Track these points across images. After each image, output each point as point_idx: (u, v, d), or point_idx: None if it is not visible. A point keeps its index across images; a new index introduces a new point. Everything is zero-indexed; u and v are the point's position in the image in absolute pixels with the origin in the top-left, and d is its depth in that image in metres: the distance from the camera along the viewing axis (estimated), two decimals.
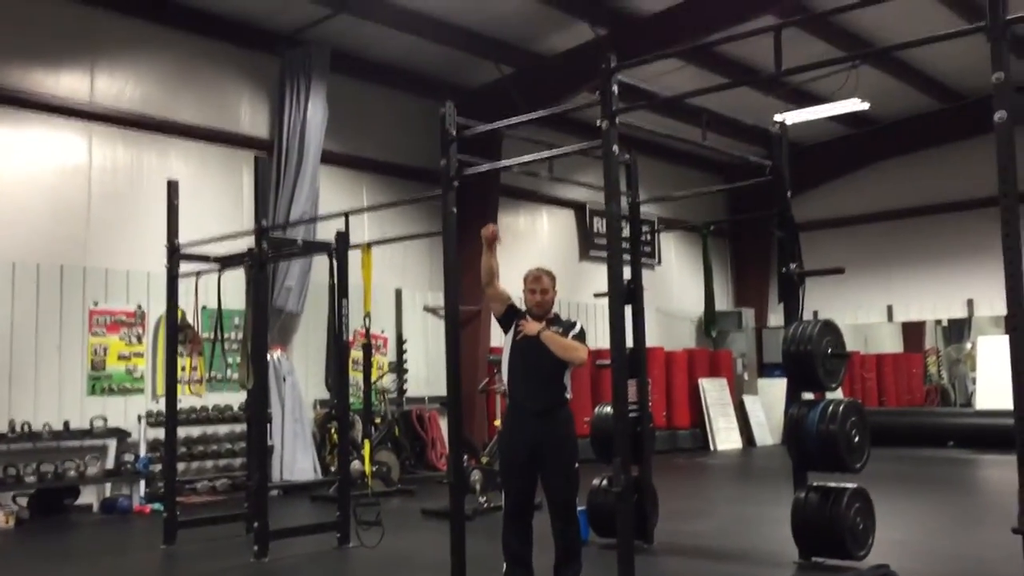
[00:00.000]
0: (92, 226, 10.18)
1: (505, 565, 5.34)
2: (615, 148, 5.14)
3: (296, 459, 11.09)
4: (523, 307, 5.51)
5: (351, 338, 8.41)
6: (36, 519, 9.02)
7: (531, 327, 5.27)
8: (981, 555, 6.45)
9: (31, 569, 6.97)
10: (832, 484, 6.12)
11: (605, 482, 6.86)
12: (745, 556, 6.69)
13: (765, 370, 17.88)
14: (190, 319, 8.46)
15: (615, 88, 5.18)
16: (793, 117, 13.64)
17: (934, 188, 17.32)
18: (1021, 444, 3.67)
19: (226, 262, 7.99)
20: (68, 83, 10.13)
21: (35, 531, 8.64)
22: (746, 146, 14.96)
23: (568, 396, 5.38)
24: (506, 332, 5.48)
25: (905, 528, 7.50)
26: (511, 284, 5.69)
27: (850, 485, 6.08)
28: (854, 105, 13.96)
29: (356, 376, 9.37)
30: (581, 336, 5.38)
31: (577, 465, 5.36)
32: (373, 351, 10.92)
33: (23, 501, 9.12)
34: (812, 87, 14.19)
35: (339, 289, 7.50)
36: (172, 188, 7.99)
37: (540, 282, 5.46)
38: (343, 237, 7.56)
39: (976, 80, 14.37)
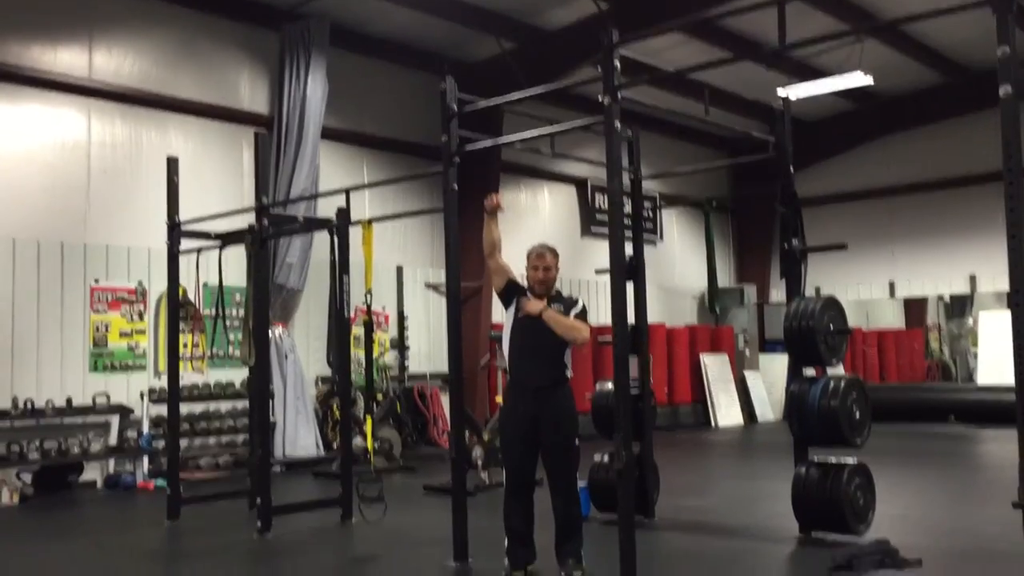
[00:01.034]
0: (92, 203, 10.16)
1: (506, 540, 5.37)
2: (617, 124, 5.11)
3: (298, 435, 11.14)
4: (524, 283, 5.50)
5: (352, 315, 8.41)
6: (40, 495, 9.06)
7: (533, 306, 5.26)
8: (981, 529, 6.47)
9: (36, 545, 7.01)
10: (833, 459, 6.14)
11: (606, 458, 6.88)
12: (746, 531, 6.72)
13: (767, 346, 17.90)
14: (191, 296, 8.46)
15: (617, 63, 5.14)
16: (796, 92, 13.55)
17: (937, 163, 17.25)
18: (1022, 419, 3.67)
19: (227, 239, 7.97)
20: (66, 58, 10.07)
21: (40, 507, 8.68)
22: (749, 121, 14.88)
23: (569, 374, 5.40)
24: (506, 307, 5.48)
25: (905, 503, 7.53)
26: (513, 260, 5.68)
27: (851, 460, 6.09)
28: (858, 80, 13.85)
29: (358, 353, 9.38)
30: (583, 314, 5.39)
31: (577, 442, 5.38)
32: (375, 328, 10.93)
33: (27, 478, 9.16)
34: (816, 61, 14.10)
35: (340, 266, 7.49)
36: (172, 164, 7.96)
37: (543, 259, 5.44)
38: (344, 213, 7.54)
39: (981, 54, 14.28)
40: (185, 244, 7.95)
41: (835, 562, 5.30)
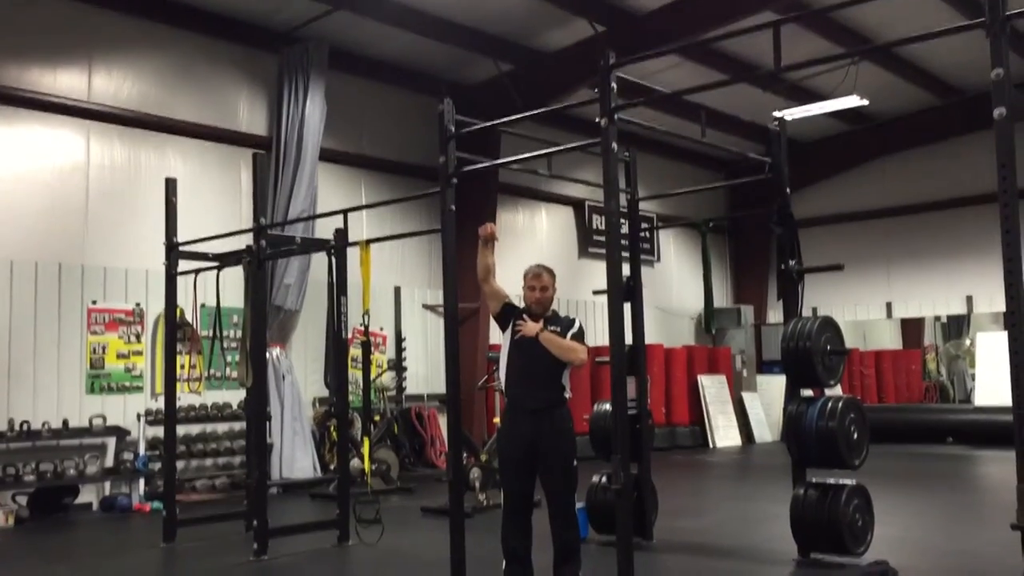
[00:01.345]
0: (90, 224, 10.17)
1: (504, 563, 5.34)
2: (614, 145, 5.13)
3: (295, 457, 11.10)
4: (521, 304, 5.51)
5: (350, 336, 8.41)
6: (36, 518, 9.02)
7: (529, 328, 5.27)
8: (980, 551, 6.45)
9: (31, 568, 6.97)
10: (831, 481, 6.12)
11: (604, 479, 6.86)
12: (744, 553, 6.69)
13: (764, 367, 17.88)
14: (189, 317, 8.46)
15: (614, 85, 5.17)
16: (792, 114, 13.63)
17: (933, 184, 17.33)
18: (1020, 440, 3.67)
19: (225, 260, 7.98)
20: (66, 81, 10.11)
21: (35, 530, 8.63)
22: (745, 143, 14.96)
23: (567, 395, 5.39)
24: (503, 330, 5.48)
25: (904, 524, 7.51)
26: (510, 281, 5.69)
27: (849, 482, 6.08)
28: (853, 101, 13.96)
29: (355, 374, 9.36)
30: (580, 335, 5.39)
31: (576, 463, 5.36)
32: (372, 349, 10.92)
33: (23, 500, 9.11)
34: (811, 84, 14.18)
35: (338, 287, 7.49)
36: (170, 186, 7.98)
37: (540, 279, 5.45)
38: (342, 234, 7.56)
39: (975, 76, 14.38)
40: (183, 265, 7.95)
41: None
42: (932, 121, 16.74)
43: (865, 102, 14.20)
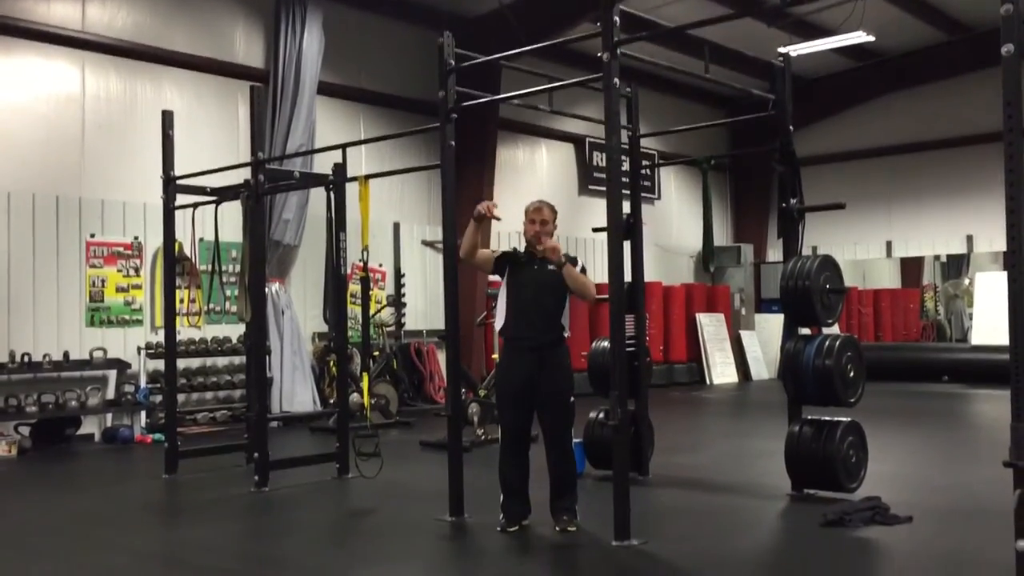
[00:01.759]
0: (87, 156, 10.09)
1: (502, 496, 5.42)
2: (616, 81, 5.07)
3: (295, 391, 11.19)
4: (517, 249, 5.51)
5: (349, 272, 8.40)
6: (38, 448, 9.12)
7: (552, 245, 5.25)
8: (972, 488, 6.53)
9: (36, 497, 7.07)
10: (826, 418, 6.18)
11: (602, 415, 6.92)
12: (739, 488, 6.78)
13: (763, 305, 17.93)
14: (187, 251, 8.44)
15: (616, 19, 5.08)
16: (797, 49, 13.43)
17: (937, 123, 17.17)
18: (1015, 378, 3.68)
19: (223, 194, 7.94)
20: (59, 10, 9.93)
21: (38, 460, 8.74)
22: (749, 79, 14.73)
23: (566, 334, 5.44)
24: (502, 276, 5.48)
25: (898, 461, 7.60)
26: (510, 219, 5.66)
27: (844, 419, 6.13)
28: (860, 37, 13.73)
29: (354, 310, 9.38)
30: (583, 271, 5.47)
31: (573, 399, 5.41)
32: (371, 285, 10.93)
33: (25, 431, 9.21)
34: (817, 18, 13.95)
35: (337, 222, 7.46)
36: (167, 118, 7.90)
37: (541, 212, 5.44)
38: (340, 170, 7.50)
39: (984, 12, 14.14)
40: (181, 199, 7.91)
41: (826, 518, 5.36)
42: (938, 58, 16.50)
43: (871, 38, 13.97)
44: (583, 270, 5.45)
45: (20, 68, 9.68)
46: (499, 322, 5.54)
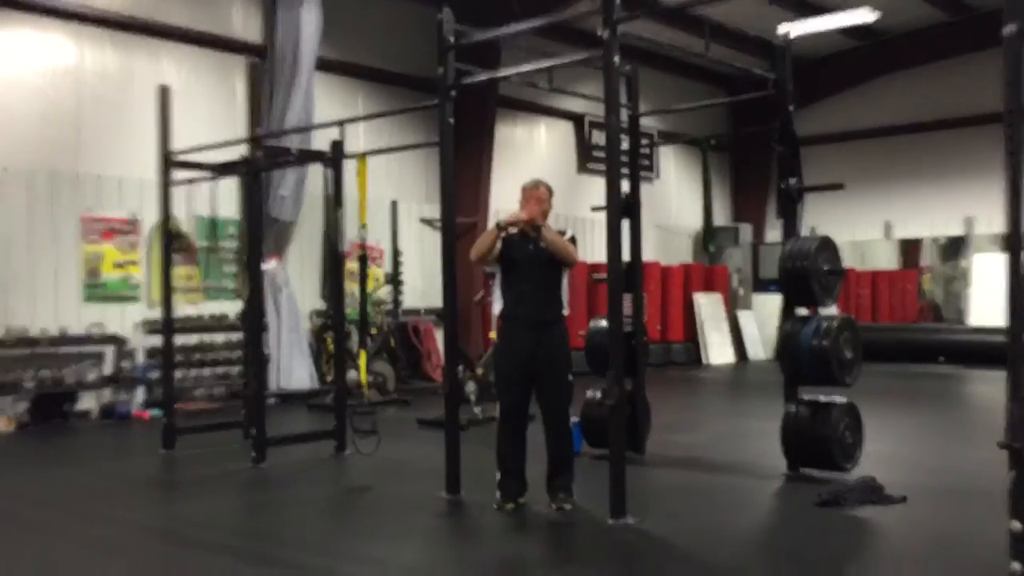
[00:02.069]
0: (83, 131, 10.03)
1: (498, 473, 5.44)
2: (616, 58, 5.04)
3: (293, 368, 11.19)
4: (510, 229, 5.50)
5: (347, 249, 8.39)
6: (36, 423, 9.14)
7: (527, 212, 5.24)
8: (967, 468, 6.57)
9: (33, 471, 7.09)
10: (822, 398, 6.19)
11: (599, 394, 6.93)
12: (735, 468, 6.81)
13: (761, 286, 17.94)
14: (184, 227, 8.42)
15: None
16: (799, 28, 13.35)
17: (938, 104, 17.11)
18: (1011, 360, 3.69)
19: (220, 170, 7.91)
20: None
21: (36, 435, 8.76)
22: (749, 58, 14.64)
23: (565, 312, 5.44)
24: (505, 256, 5.46)
25: (893, 442, 7.62)
26: (507, 196, 5.64)
27: (840, 399, 6.15)
28: (863, 16, 13.65)
29: (352, 287, 9.38)
30: (573, 242, 5.48)
31: (571, 377, 5.42)
32: (369, 262, 10.89)
33: (23, 406, 9.22)
34: None
35: (335, 199, 7.44)
36: (164, 93, 7.85)
37: (537, 191, 5.43)
38: (338, 146, 7.47)
39: None
40: (178, 175, 7.88)
41: (821, 498, 5.39)
42: (940, 38, 16.44)
43: (874, 17, 13.88)
44: (572, 240, 5.46)
45: (16, 41, 9.60)
46: (498, 304, 5.54)
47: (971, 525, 5.06)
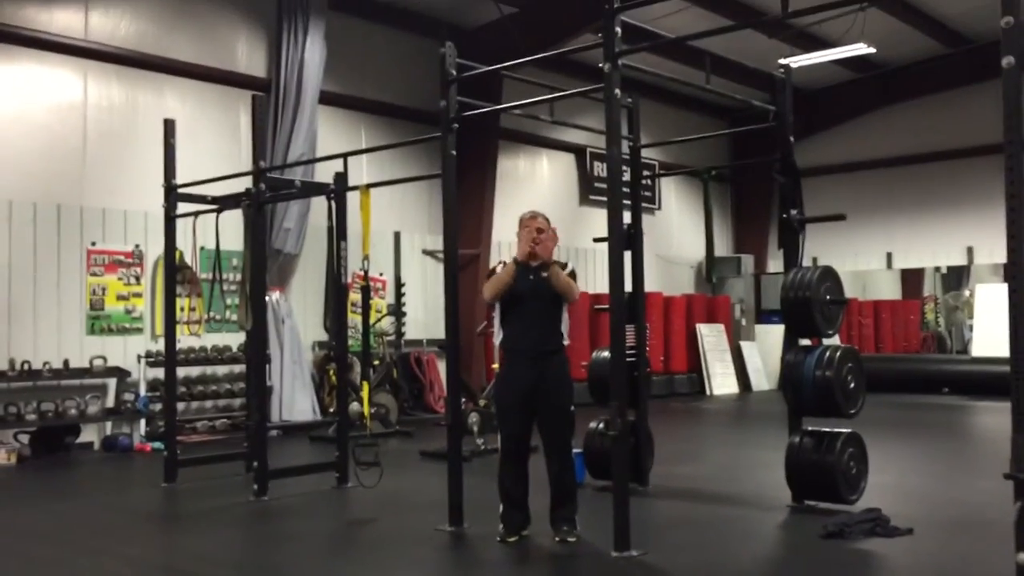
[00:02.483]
0: (88, 165, 10.10)
1: (501, 506, 5.41)
2: (617, 91, 5.08)
3: (295, 400, 11.18)
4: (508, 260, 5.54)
5: (350, 280, 8.41)
6: (38, 456, 9.11)
7: (545, 246, 5.26)
8: (973, 500, 6.52)
9: (34, 505, 7.05)
10: (826, 429, 6.17)
11: (602, 425, 6.91)
12: (739, 499, 6.77)
13: (763, 316, 17.92)
14: (188, 260, 8.44)
15: (618, 29, 5.10)
16: (798, 61, 13.46)
17: (937, 135, 17.18)
18: (1015, 391, 3.68)
19: (224, 203, 7.94)
20: (62, 19, 9.96)
21: (37, 468, 8.73)
22: (750, 90, 14.76)
23: (566, 342, 5.44)
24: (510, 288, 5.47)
25: (898, 473, 7.58)
26: (509, 228, 5.66)
27: (844, 430, 6.13)
28: (860, 49, 13.77)
29: (355, 318, 9.39)
30: (573, 275, 5.56)
31: (573, 408, 5.41)
32: (372, 294, 10.93)
33: (24, 439, 9.20)
34: (818, 30, 13.98)
35: (338, 231, 7.47)
36: (169, 127, 7.91)
37: (536, 220, 5.47)
38: (342, 178, 7.51)
39: (984, 24, 14.19)
40: (182, 208, 7.92)
41: (827, 530, 5.35)
42: (938, 70, 16.56)
43: (872, 50, 14.01)
44: (572, 274, 5.49)
45: (22, 77, 9.70)
46: (498, 335, 5.54)
47: (978, 557, 5.02)
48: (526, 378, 5.32)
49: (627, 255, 6.35)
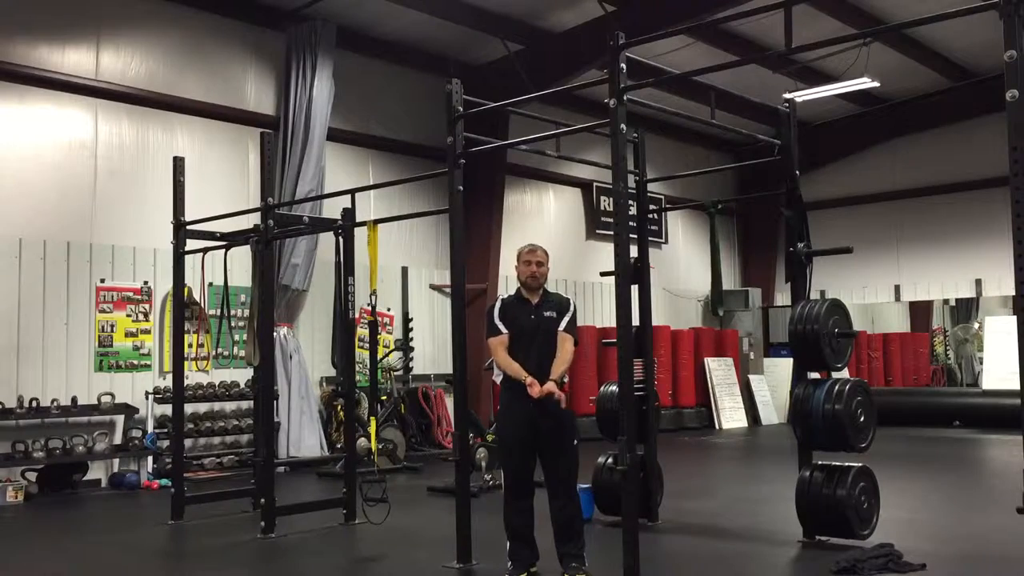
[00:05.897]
0: (98, 202, 10.18)
1: (508, 542, 5.37)
2: (623, 126, 5.11)
3: (303, 436, 11.15)
4: (506, 295, 5.52)
5: (357, 316, 8.42)
6: (45, 494, 9.09)
7: (536, 391, 5.16)
8: (985, 534, 6.45)
9: (41, 542, 7.03)
10: (837, 463, 6.12)
11: (610, 460, 6.87)
12: (749, 534, 6.71)
13: (771, 350, 17.87)
14: (196, 296, 8.48)
15: (623, 65, 5.14)
16: (803, 95, 13.54)
17: (943, 167, 17.23)
18: None
19: (232, 239, 7.99)
20: (74, 59, 10.09)
21: (44, 506, 8.70)
22: (755, 124, 14.85)
23: (565, 379, 5.42)
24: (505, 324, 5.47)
25: (910, 507, 7.51)
26: (510, 261, 5.67)
27: (855, 464, 6.08)
28: (864, 84, 13.85)
29: (362, 354, 9.40)
30: (573, 320, 5.46)
31: (576, 442, 5.38)
32: (379, 329, 10.93)
33: (32, 476, 9.18)
34: (822, 65, 14.08)
35: (345, 267, 7.50)
36: (178, 164, 7.98)
37: (535, 254, 5.49)
38: (349, 214, 7.55)
39: (988, 59, 14.26)
40: (191, 244, 7.96)
41: (839, 566, 5.29)
42: (943, 103, 16.63)
43: (876, 84, 14.09)
44: (573, 319, 5.46)
45: (33, 115, 9.81)
46: (499, 374, 5.52)
47: None
48: (527, 413, 5.29)
49: (634, 289, 6.36)
